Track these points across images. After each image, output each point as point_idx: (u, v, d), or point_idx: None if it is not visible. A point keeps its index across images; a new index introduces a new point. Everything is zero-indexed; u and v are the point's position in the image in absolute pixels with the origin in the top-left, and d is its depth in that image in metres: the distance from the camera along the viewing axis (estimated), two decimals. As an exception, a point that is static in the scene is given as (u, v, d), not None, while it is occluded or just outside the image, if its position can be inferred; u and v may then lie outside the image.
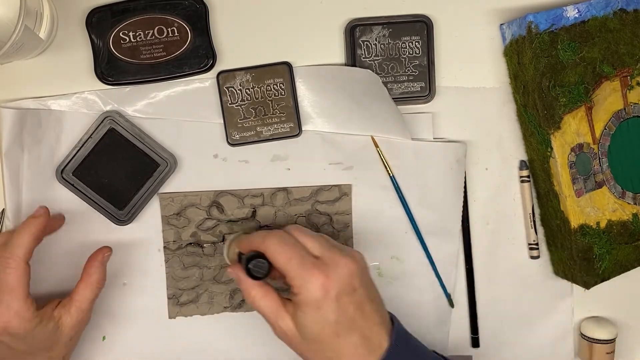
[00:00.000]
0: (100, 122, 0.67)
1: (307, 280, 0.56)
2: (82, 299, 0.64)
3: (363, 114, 0.70)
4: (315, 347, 0.57)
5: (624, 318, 0.77)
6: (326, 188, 0.71)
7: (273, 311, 0.59)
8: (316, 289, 0.55)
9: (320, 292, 0.55)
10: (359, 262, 0.58)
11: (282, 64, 0.69)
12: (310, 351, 0.58)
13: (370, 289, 0.59)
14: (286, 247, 0.57)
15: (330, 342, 0.56)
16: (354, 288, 0.57)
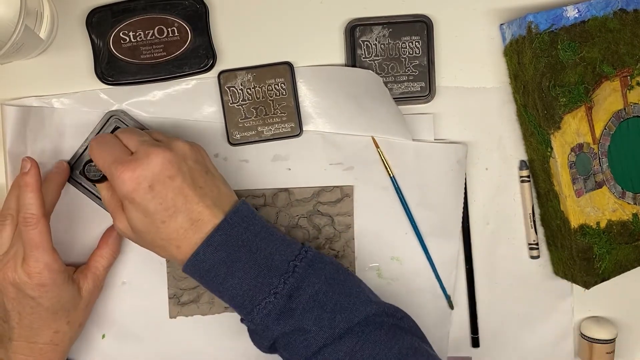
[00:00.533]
0: (105, 120, 0.67)
1: (115, 177, 0.57)
2: (98, 265, 0.67)
3: (364, 115, 0.70)
4: (147, 237, 0.59)
5: (624, 318, 0.77)
6: (328, 189, 0.71)
7: (113, 211, 0.61)
8: (125, 185, 0.56)
9: (129, 186, 0.56)
10: (178, 151, 0.58)
11: (284, 64, 0.69)
12: (145, 242, 0.60)
13: (198, 175, 0.59)
14: (102, 148, 0.59)
15: (157, 230, 0.57)
16: (170, 176, 0.57)
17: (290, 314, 0.58)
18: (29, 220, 0.61)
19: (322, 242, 0.72)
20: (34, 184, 0.62)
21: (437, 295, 0.73)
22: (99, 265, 0.68)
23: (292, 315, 0.58)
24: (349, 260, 0.72)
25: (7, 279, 0.62)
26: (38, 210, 0.61)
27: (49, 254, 0.62)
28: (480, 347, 0.75)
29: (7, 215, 0.64)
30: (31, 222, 0.61)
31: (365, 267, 0.73)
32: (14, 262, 0.62)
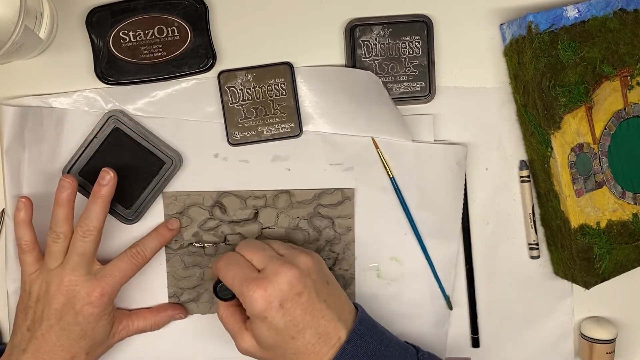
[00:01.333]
0: (104, 121, 0.67)
1: (248, 296, 0.59)
2: (136, 323, 0.70)
3: (364, 115, 0.70)
4: (276, 352, 0.61)
5: (624, 318, 0.77)
6: (329, 191, 0.71)
7: (235, 330, 0.63)
8: (257, 303, 0.58)
9: (262, 304, 0.58)
10: (302, 268, 0.61)
11: (284, 64, 0.69)
12: (273, 356, 0.61)
13: (321, 288, 0.61)
14: (231, 268, 0.61)
15: (287, 346, 0.60)
16: (298, 292, 0.59)
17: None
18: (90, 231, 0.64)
19: (322, 245, 0.72)
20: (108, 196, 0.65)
21: (436, 295, 0.73)
22: (136, 324, 0.70)
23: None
24: (348, 263, 0.72)
25: (62, 288, 0.63)
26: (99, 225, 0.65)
27: (119, 284, 0.65)
28: (480, 347, 0.75)
29: (60, 232, 0.65)
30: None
31: (364, 267, 0.73)
32: (74, 274, 0.64)
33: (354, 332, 0.60)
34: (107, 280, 0.65)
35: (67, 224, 0.65)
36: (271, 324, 0.59)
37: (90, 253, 0.64)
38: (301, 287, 0.59)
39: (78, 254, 0.64)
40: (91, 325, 0.64)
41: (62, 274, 0.64)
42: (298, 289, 0.59)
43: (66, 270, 0.64)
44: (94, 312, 0.64)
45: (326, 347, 0.59)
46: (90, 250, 0.64)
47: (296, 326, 0.59)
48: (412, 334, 0.73)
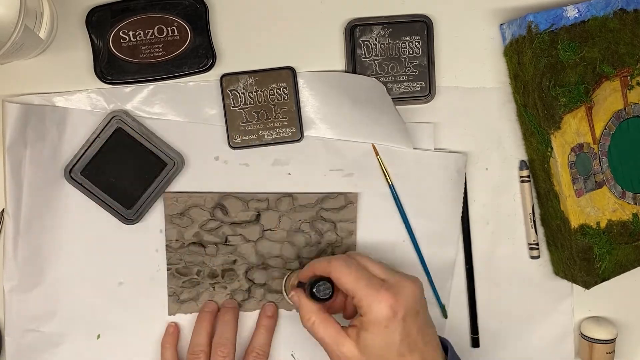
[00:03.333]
0: (107, 121, 0.67)
1: (376, 300, 0.57)
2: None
3: (366, 122, 0.70)
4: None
5: (624, 318, 0.77)
6: (332, 196, 0.71)
7: (332, 336, 0.60)
8: (385, 309, 0.57)
9: (389, 312, 0.57)
10: (419, 286, 0.60)
11: (286, 69, 0.69)
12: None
13: (428, 313, 0.61)
14: (352, 269, 0.60)
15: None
16: (417, 311, 0.59)
17: None
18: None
19: (324, 248, 0.72)
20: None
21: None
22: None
23: None
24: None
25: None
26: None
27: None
28: (480, 347, 0.75)
29: (199, 352, 0.68)
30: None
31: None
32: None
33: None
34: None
35: (204, 344, 0.69)
36: (388, 334, 0.57)
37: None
38: (419, 307, 0.59)
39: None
40: None
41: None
42: (418, 307, 0.59)
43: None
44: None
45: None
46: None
47: (409, 345, 0.58)
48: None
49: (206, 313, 0.71)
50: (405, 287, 0.59)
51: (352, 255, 0.63)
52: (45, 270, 0.70)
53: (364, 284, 0.58)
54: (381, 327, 0.57)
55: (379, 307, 0.57)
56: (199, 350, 0.68)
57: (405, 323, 0.57)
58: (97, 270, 0.71)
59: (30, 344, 0.70)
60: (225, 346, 0.68)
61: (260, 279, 0.72)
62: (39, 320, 0.70)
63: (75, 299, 0.71)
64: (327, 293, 0.61)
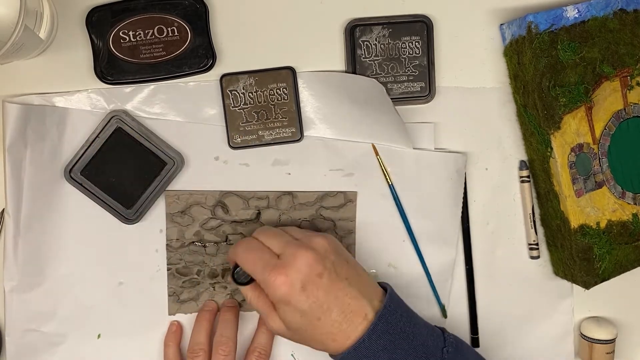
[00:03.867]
0: (107, 121, 0.67)
1: (269, 282, 0.59)
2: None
3: (366, 122, 0.70)
4: (305, 334, 0.61)
5: (624, 318, 0.77)
6: (331, 194, 0.71)
7: (265, 310, 0.63)
8: (280, 288, 0.59)
9: (284, 289, 0.59)
10: (319, 249, 0.61)
11: (286, 69, 0.69)
12: (303, 339, 0.62)
13: (341, 268, 0.61)
14: (250, 254, 0.62)
15: (314, 327, 0.60)
16: (319, 274, 0.59)
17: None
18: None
19: None
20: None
21: (431, 303, 0.73)
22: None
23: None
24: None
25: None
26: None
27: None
28: (480, 347, 0.75)
29: (199, 350, 0.68)
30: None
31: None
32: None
33: (384, 309, 0.60)
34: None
35: (204, 342, 0.69)
36: (296, 307, 0.59)
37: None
38: (321, 268, 0.60)
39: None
40: None
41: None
42: (318, 270, 0.59)
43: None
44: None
45: (353, 325, 0.60)
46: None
47: (321, 307, 0.59)
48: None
49: (206, 312, 0.71)
50: (298, 257, 0.59)
51: (256, 235, 0.64)
52: (45, 270, 0.70)
53: (259, 267, 0.60)
54: (284, 304, 0.59)
55: (273, 287, 0.59)
56: (199, 349, 0.68)
57: (306, 292, 0.59)
58: (97, 270, 0.71)
59: (30, 344, 0.70)
60: (227, 345, 0.68)
61: (260, 279, 0.72)
62: (39, 320, 0.70)
63: (75, 299, 0.71)
64: (245, 278, 0.63)
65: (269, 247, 0.62)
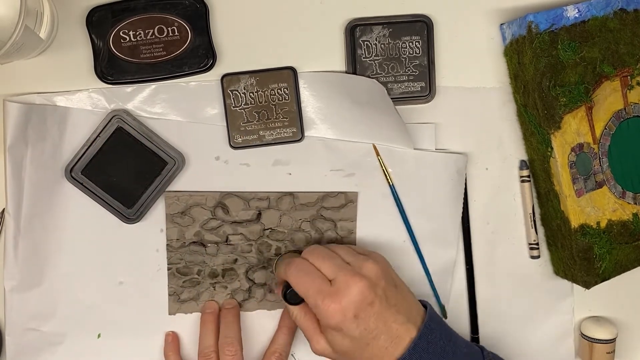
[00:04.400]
0: (108, 120, 0.67)
1: (324, 310, 0.60)
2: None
3: (366, 122, 0.70)
4: (351, 357, 0.62)
5: (624, 318, 0.77)
6: (332, 194, 0.71)
7: (310, 332, 0.64)
8: (333, 316, 0.60)
9: (337, 317, 0.60)
10: (371, 277, 0.61)
11: (287, 69, 0.69)
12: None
13: (389, 294, 0.62)
14: (303, 278, 0.62)
15: (362, 351, 0.61)
16: (370, 302, 0.60)
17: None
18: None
19: None
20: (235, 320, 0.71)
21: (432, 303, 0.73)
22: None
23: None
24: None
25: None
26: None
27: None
28: (480, 347, 0.75)
29: (210, 352, 0.69)
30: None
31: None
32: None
33: (425, 328, 0.61)
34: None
35: (214, 345, 0.70)
36: (346, 334, 0.60)
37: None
38: (372, 297, 0.60)
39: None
40: None
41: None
42: (370, 298, 0.60)
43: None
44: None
45: (399, 349, 0.60)
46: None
47: (370, 334, 0.60)
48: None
49: (209, 314, 0.71)
50: (351, 285, 0.60)
51: (307, 256, 0.64)
52: (45, 269, 0.70)
53: (312, 293, 0.61)
54: (336, 330, 0.61)
55: (326, 315, 0.60)
56: (210, 352, 0.69)
57: (358, 320, 0.60)
58: (97, 269, 0.71)
59: (30, 343, 0.70)
60: (232, 345, 0.68)
61: (260, 278, 0.72)
62: (40, 320, 0.70)
63: (75, 299, 0.71)
64: (297, 299, 0.64)
65: (319, 269, 0.63)
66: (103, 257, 0.71)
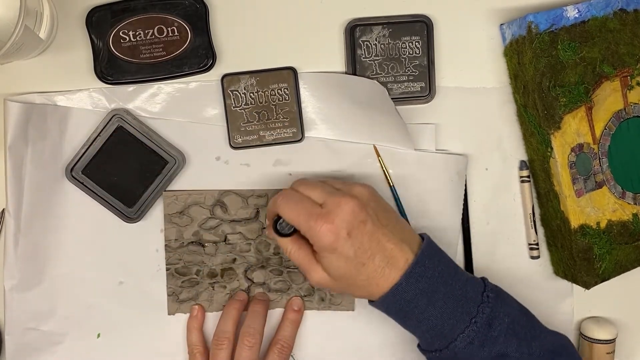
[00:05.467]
0: (108, 120, 0.68)
1: (316, 231, 0.59)
2: None
3: (367, 123, 0.70)
4: (349, 281, 0.61)
5: (624, 318, 0.77)
6: None
7: (305, 262, 0.63)
8: (325, 237, 0.59)
9: (330, 237, 0.59)
10: (361, 197, 0.61)
11: (287, 69, 0.69)
12: (345, 286, 0.62)
13: (381, 215, 0.62)
14: (292, 205, 0.62)
15: (358, 272, 0.60)
16: (362, 220, 0.60)
17: (493, 341, 0.61)
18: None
19: None
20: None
21: None
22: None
23: (495, 342, 0.61)
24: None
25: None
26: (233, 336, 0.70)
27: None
28: (480, 347, 0.75)
29: (224, 339, 0.68)
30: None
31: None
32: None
33: (421, 254, 0.61)
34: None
35: (231, 331, 0.69)
36: (341, 254, 0.60)
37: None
38: (364, 215, 0.60)
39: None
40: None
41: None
42: (361, 217, 0.60)
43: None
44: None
45: (395, 269, 0.60)
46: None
47: (365, 252, 0.60)
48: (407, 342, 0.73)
49: (236, 302, 0.71)
50: (342, 205, 0.60)
51: (295, 186, 0.64)
52: (45, 269, 0.70)
53: (303, 217, 0.60)
54: (330, 251, 0.60)
55: (319, 236, 0.59)
56: (224, 338, 0.68)
57: (352, 238, 0.59)
58: (97, 269, 0.71)
59: (30, 342, 0.70)
60: (253, 336, 0.68)
61: (259, 278, 0.72)
62: (39, 319, 0.70)
63: (75, 298, 0.71)
64: (289, 229, 0.63)
65: (309, 197, 0.62)
66: (103, 256, 0.71)
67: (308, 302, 0.73)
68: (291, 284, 0.72)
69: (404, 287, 0.60)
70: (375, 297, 0.62)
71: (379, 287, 0.61)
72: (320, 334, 0.73)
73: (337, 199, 0.60)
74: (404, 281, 0.60)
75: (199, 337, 0.71)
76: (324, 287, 0.63)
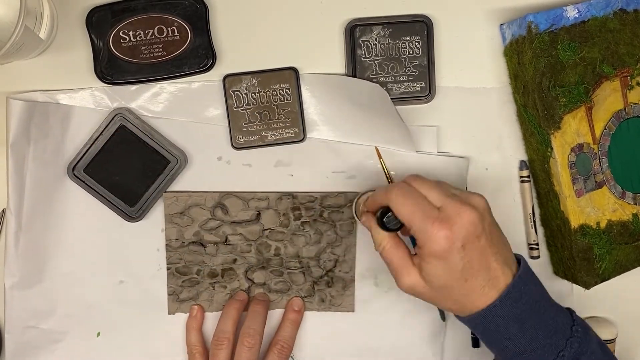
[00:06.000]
0: (110, 119, 0.68)
1: (431, 234, 0.56)
2: None
3: (369, 125, 0.70)
4: (444, 293, 0.59)
5: (624, 318, 0.77)
6: (332, 195, 0.71)
7: (401, 264, 0.60)
8: (441, 243, 0.56)
9: (445, 244, 0.56)
10: (480, 209, 0.58)
11: (289, 69, 0.69)
12: (439, 297, 0.60)
13: (493, 231, 0.60)
14: (408, 200, 0.58)
15: (460, 287, 0.58)
16: (477, 235, 0.57)
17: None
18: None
19: (323, 246, 0.72)
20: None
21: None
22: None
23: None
24: (349, 265, 0.72)
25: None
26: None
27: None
28: (480, 347, 0.75)
29: (224, 339, 0.68)
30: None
31: (363, 274, 0.73)
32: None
33: (519, 278, 0.59)
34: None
35: (230, 331, 0.69)
36: (449, 264, 0.57)
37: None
38: (480, 230, 0.57)
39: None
40: None
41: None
42: (478, 231, 0.57)
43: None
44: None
45: (494, 290, 0.58)
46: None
47: (472, 268, 0.57)
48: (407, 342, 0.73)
49: (236, 301, 0.71)
50: (462, 214, 0.57)
51: (410, 181, 0.60)
52: (46, 267, 0.70)
53: (419, 216, 0.57)
54: (440, 259, 0.57)
55: (434, 240, 0.56)
56: (224, 338, 0.68)
57: (464, 251, 0.57)
58: (98, 268, 0.71)
59: (30, 341, 0.70)
60: (253, 337, 0.68)
61: (259, 278, 0.72)
62: (39, 318, 0.70)
63: (76, 297, 0.71)
64: (396, 224, 0.60)
65: (426, 196, 0.59)
66: (104, 255, 0.71)
67: (308, 302, 0.73)
68: (291, 284, 0.73)
69: (497, 310, 0.58)
70: (466, 314, 0.60)
71: (473, 304, 0.59)
72: (321, 334, 0.73)
73: (457, 205, 0.57)
74: (498, 303, 0.58)
75: (198, 337, 0.71)
76: (414, 293, 0.61)
